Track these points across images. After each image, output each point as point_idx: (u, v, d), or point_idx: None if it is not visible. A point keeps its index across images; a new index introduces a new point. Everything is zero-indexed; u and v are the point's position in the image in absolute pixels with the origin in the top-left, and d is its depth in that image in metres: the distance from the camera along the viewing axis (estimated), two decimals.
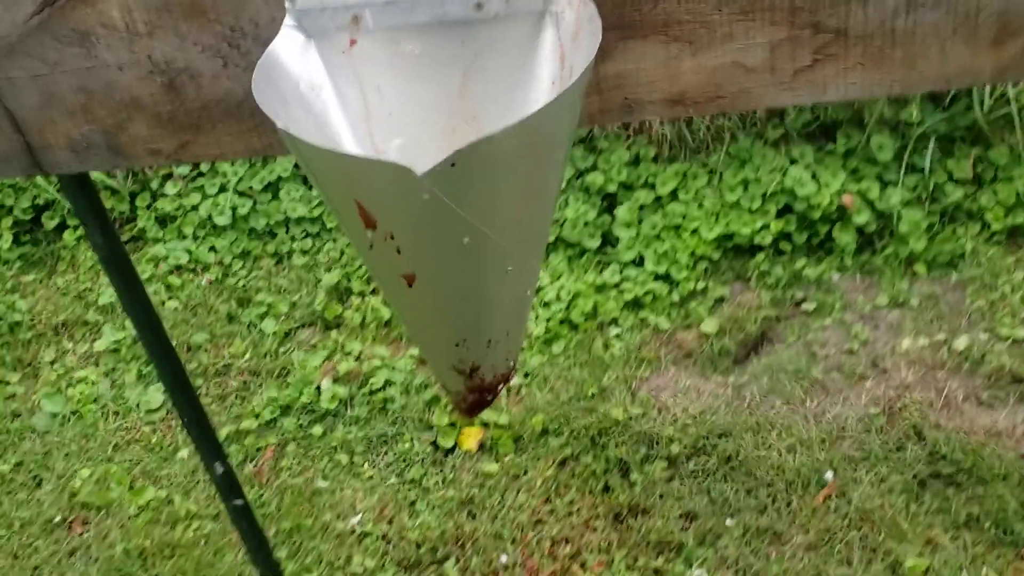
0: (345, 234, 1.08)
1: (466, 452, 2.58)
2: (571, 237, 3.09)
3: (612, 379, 2.71)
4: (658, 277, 2.98)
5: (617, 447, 2.49)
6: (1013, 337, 2.61)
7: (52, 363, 3.11)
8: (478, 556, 2.31)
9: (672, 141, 3.23)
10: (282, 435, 2.73)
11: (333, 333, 3.04)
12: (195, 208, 3.52)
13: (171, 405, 2.80)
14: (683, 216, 3.05)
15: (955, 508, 2.22)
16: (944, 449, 2.34)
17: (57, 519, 2.57)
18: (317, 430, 2.71)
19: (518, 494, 2.44)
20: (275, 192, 3.51)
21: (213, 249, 3.44)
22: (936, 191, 2.94)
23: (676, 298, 2.93)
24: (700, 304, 2.89)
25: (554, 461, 2.50)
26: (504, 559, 2.30)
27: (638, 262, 3.03)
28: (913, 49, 0.83)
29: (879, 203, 2.92)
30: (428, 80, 0.88)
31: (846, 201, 2.91)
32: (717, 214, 3.03)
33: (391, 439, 2.66)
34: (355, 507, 2.48)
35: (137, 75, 0.93)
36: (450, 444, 2.60)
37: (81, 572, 2.41)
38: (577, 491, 2.42)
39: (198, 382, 2.94)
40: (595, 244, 3.09)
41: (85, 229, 1.20)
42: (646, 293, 2.93)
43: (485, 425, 2.61)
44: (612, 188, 3.15)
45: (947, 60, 0.84)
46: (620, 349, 2.80)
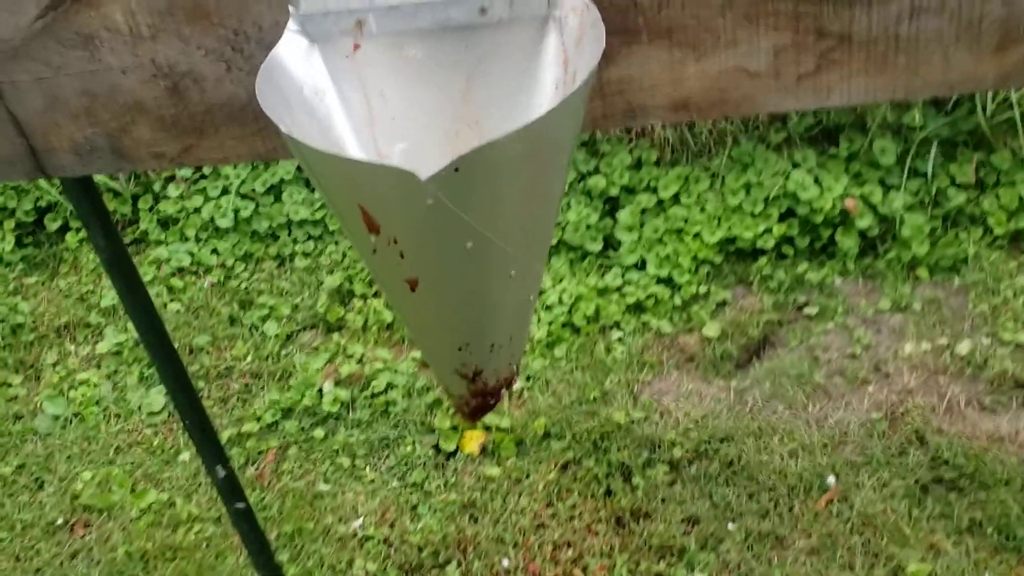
0: (348, 238, 1.08)
1: (468, 455, 2.58)
2: (573, 240, 3.09)
3: (614, 383, 2.70)
4: (660, 281, 2.97)
5: (619, 451, 2.49)
6: (1016, 342, 2.60)
7: (54, 365, 3.12)
8: (480, 560, 2.31)
9: (674, 145, 3.23)
10: (284, 438, 2.73)
11: (335, 336, 3.04)
12: (197, 210, 3.52)
13: (173, 408, 2.80)
14: (685, 220, 3.05)
15: (957, 513, 2.21)
16: (946, 454, 2.34)
17: (59, 521, 2.57)
18: (319, 433, 2.71)
19: (520, 498, 2.44)
20: (277, 195, 3.51)
21: (215, 251, 3.44)
22: (939, 195, 2.94)
23: (678, 302, 2.92)
24: (702, 308, 2.89)
25: (556, 465, 2.50)
26: (506, 563, 2.30)
27: (640, 266, 3.03)
28: (916, 55, 0.83)
29: (882, 207, 2.91)
30: (432, 84, 0.88)
31: (849, 205, 2.90)
32: (719, 218, 3.03)
33: (393, 442, 2.66)
34: (357, 511, 2.48)
35: (141, 78, 0.93)
36: (452, 447, 2.60)
37: (83, 575, 2.41)
38: (579, 495, 2.42)
39: (200, 384, 2.94)
40: (597, 247, 3.09)
41: (88, 232, 1.20)
42: (648, 297, 2.93)
43: (487, 428, 2.61)
44: (614, 191, 3.15)
45: (950, 66, 0.84)
46: (622, 353, 2.80)
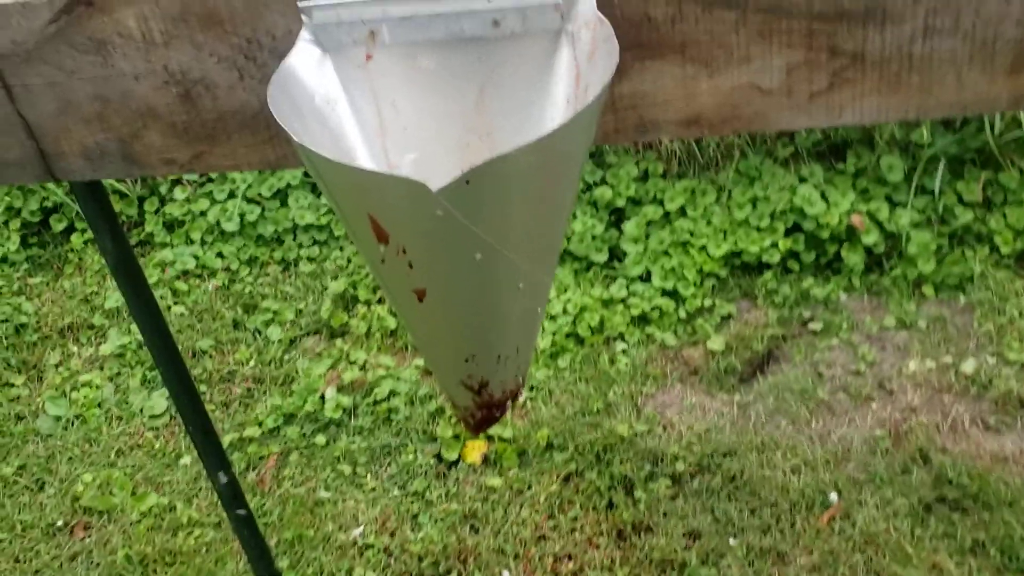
0: (356, 247, 1.08)
1: (470, 465, 2.57)
2: (578, 251, 3.09)
3: (618, 395, 2.70)
4: (665, 293, 2.97)
5: (622, 464, 2.48)
6: (1021, 362, 2.59)
7: (57, 366, 3.12)
8: (480, 571, 2.30)
9: (681, 157, 3.23)
10: (285, 444, 2.72)
11: (338, 341, 3.04)
12: (203, 214, 3.53)
13: (175, 411, 2.80)
14: (691, 232, 3.05)
15: (961, 533, 2.20)
16: (950, 473, 2.32)
17: (59, 523, 2.57)
18: (320, 439, 2.70)
19: (521, 509, 2.43)
20: (283, 199, 3.52)
21: (220, 255, 3.45)
22: (945, 213, 2.93)
23: (683, 314, 2.92)
24: (707, 321, 2.88)
25: (558, 476, 2.49)
26: (506, 574, 2.29)
27: (645, 277, 3.02)
28: (930, 75, 0.83)
29: (888, 224, 2.91)
30: (444, 95, 0.88)
31: (855, 221, 2.90)
32: (725, 231, 3.03)
33: (395, 450, 2.65)
34: (357, 519, 2.48)
35: (153, 85, 0.93)
36: (454, 457, 2.59)
37: None
38: (581, 507, 2.41)
39: (202, 388, 2.94)
40: (602, 258, 3.09)
41: (95, 235, 1.20)
42: (653, 309, 2.92)
43: (489, 438, 2.61)
44: (620, 203, 3.15)
45: (963, 87, 0.84)
46: (626, 364, 2.79)
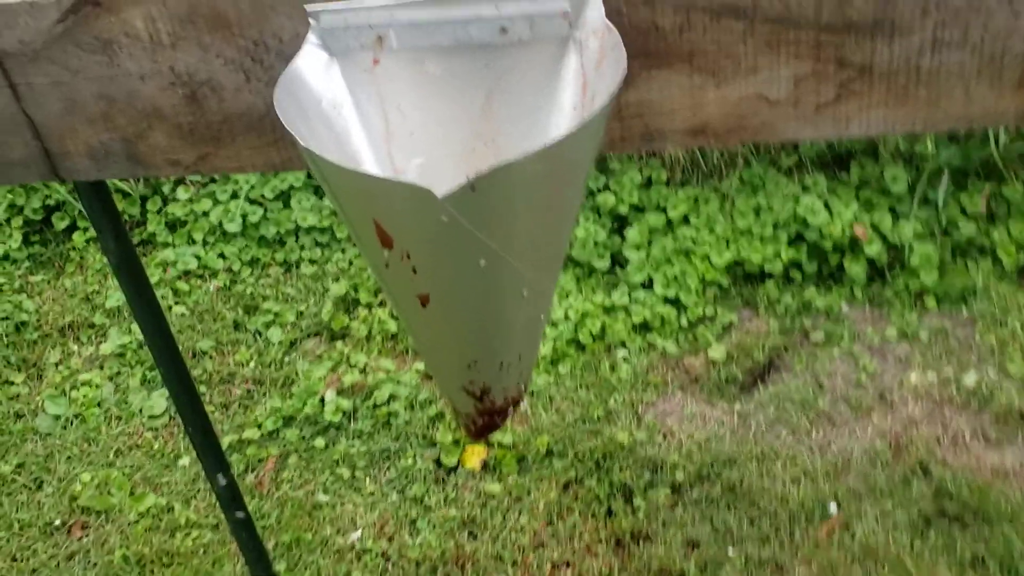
0: (360, 251, 1.08)
1: (469, 471, 2.57)
2: (581, 257, 3.09)
3: (618, 402, 2.69)
4: (667, 301, 2.97)
5: (621, 471, 2.48)
6: (1022, 375, 2.59)
7: (57, 365, 3.11)
8: None
9: (685, 165, 3.23)
10: (284, 446, 2.72)
11: (339, 344, 3.03)
12: (206, 214, 3.53)
13: (175, 412, 2.80)
14: (694, 240, 3.04)
15: (961, 547, 2.19)
16: (951, 487, 2.32)
17: (57, 522, 2.56)
18: (319, 442, 2.70)
19: (520, 515, 2.42)
20: (286, 201, 3.52)
21: (222, 255, 3.44)
22: (949, 225, 2.93)
23: (684, 323, 2.91)
24: (708, 330, 2.88)
25: (557, 483, 2.49)
26: None
27: (647, 285, 3.02)
28: (937, 88, 0.83)
29: (891, 235, 2.91)
30: (450, 100, 0.88)
31: (858, 232, 2.90)
32: (728, 240, 3.03)
33: (394, 455, 2.65)
34: (355, 523, 2.47)
35: (159, 85, 0.93)
36: (453, 462, 2.58)
37: None
38: (580, 515, 2.40)
39: (202, 389, 2.94)
40: (605, 265, 3.08)
41: (98, 234, 1.20)
42: (654, 316, 2.92)
43: (489, 444, 2.60)
44: (623, 210, 3.15)
45: (971, 101, 0.83)
46: (627, 372, 2.79)
